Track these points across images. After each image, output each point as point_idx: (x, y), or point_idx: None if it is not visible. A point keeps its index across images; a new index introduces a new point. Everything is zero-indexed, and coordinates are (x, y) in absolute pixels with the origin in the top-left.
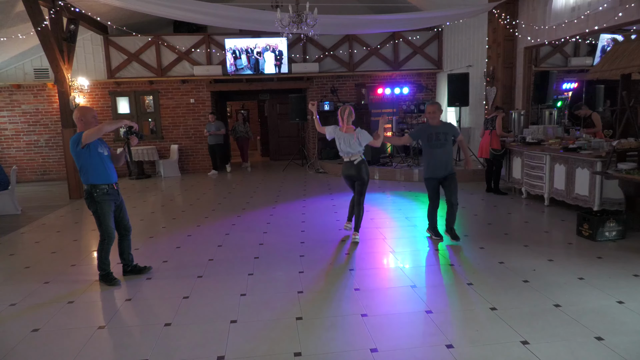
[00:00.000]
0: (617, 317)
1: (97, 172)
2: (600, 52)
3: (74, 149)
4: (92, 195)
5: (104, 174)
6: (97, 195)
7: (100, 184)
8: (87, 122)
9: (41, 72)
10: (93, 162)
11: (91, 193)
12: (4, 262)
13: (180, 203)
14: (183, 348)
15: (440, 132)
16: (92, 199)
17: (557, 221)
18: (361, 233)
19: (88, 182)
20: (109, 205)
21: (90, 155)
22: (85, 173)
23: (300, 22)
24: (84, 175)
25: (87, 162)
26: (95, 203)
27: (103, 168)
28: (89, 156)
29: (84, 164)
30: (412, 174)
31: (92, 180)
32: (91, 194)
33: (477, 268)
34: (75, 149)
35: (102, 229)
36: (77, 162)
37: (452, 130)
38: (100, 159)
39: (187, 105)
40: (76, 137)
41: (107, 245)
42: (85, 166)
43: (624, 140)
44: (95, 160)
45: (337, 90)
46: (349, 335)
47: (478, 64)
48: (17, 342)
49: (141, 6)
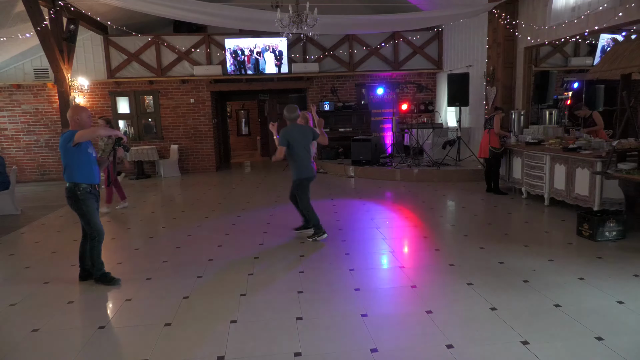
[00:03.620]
0: (617, 317)
1: (83, 171)
2: (600, 52)
3: (64, 145)
4: (76, 193)
5: (89, 173)
6: (81, 193)
7: (84, 183)
8: (82, 122)
9: (41, 72)
10: (81, 160)
11: (74, 191)
12: (4, 262)
13: (180, 203)
14: (183, 348)
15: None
16: (76, 197)
17: (557, 221)
18: (361, 232)
19: (72, 180)
20: (93, 202)
21: (80, 154)
22: (71, 171)
23: (300, 22)
24: (69, 172)
25: (75, 160)
26: (80, 201)
27: (90, 168)
28: (78, 154)
29: (71, 162)
30: (412, 174)
31: (78, 178)
32: (74, 193)
33: (477, 268)
34: (66, 145)
35: (91, 227)
36: (64, 158)
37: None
38: (88, 159)
39: (187, 105)
40: (69, 135)
41: (99, 243)
42: (72, 164)
43: (624, 140)
44: (83, 159)
45: (337, 90)
46: (349, 335)
47: (478, 64)
48: (17, 342)
49: (141, 6)
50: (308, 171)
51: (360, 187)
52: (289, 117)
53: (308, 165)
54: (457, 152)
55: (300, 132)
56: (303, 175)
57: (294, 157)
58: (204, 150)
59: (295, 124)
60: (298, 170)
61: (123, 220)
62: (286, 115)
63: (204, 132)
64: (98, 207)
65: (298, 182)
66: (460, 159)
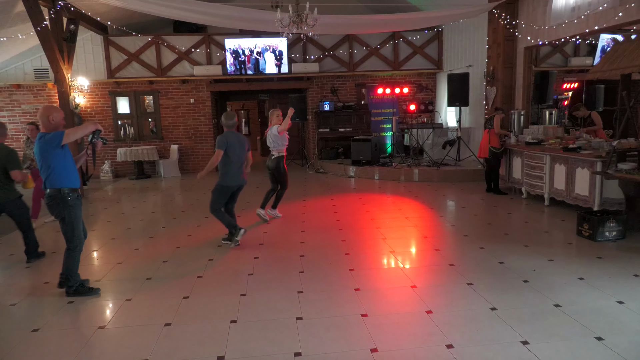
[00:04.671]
0: (617, 317)
1: (71, 175)
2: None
3: (49, 148)
4: (65, 200)
5: (75, 177)
6: (71, 199)
7: (71, 187)
8: (57, 123)
9: (41, 72)
10: (68, 164)
11: (64, 198)
12: (4, 262)
13: (180, 203)
14: (183, 348)
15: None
16: (65, 203)
17: (557, 221)
18: (361, 232)
19: (58, 186)
20: (80, 210)
21: (66, 157)
22: (57, 175)
23: (300, 22)
24: (56, 178)
25: (62, 164)
26: (69, 208)
27: (74, 171)
28: (64, 157)
29: (59, 166)
30: (412, 174)
31: (65, 183)
32: (64, 199)
33: (477, 268)
34: (55, 148)
35: (75, 236)
36: (47, 162)
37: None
38: (72, 162)
39: (187, 105)
40: (55, 136)
41: (79, 252)
42: (60, 168)
43: (624, 140)
44: (69, 162)
45: (337, 90)
46: (349, 335)
47: (478, 64)
48: (17, 342)
49: (141, 6)
50: (235, 180)
51: (360, 187)
52: (227, 124)
53: (237, 174)
54: (457, 152)
55: (237, 140)
56: (227, 183)
57: (226, 163)
58: (204, 150)
59: (232, 132)
60: (226, 176)
61: (123, 220)
62: (224, 122)
63: (204, 132)
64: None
65: (220, 187)
66: (460, 159)
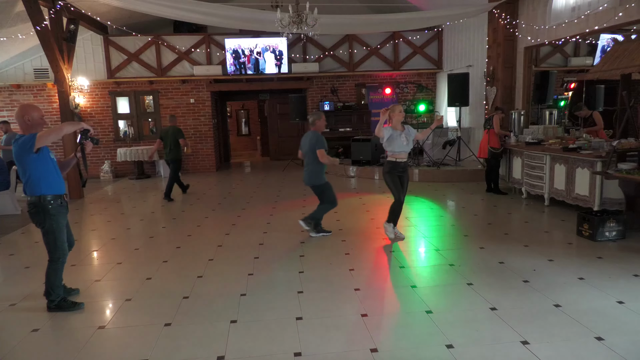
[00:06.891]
0: (617, 317)
1: (51, 180)
2: (600, 52)
3: (23, 153)
4: (46, 208)
5: (58, 183)
6: (53, 207)
7: (56, 195)
8: (35, 123)
9: (41, 72)
10: (48, 169)
11: (44, 206)
12: (4, 262)
13: (180, 203)
14: (183, 348)
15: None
16: (46, 212)
17: (557, 221)
18: (361, 232)
19: (38, 193)
20: (65, 218)
21: (45, 162)
22: (36, 182)
23: (300, 22)
24: (34, 185)
25: (40, 170)
26: (50, 217)
27: (57, 176)
28: (43, 162)
29: (36, 172)
30: (412, 174)
31: (47, 190)
32: (44, 207)
33: (477, 268)
34: (28, 153)
35: (57, 247)
36: (25, 169)
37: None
38: (54, 166)
39: (187, 105)
40: (27, 139)
41: (62, 264)
42: (38, 174)
43: (624, 140)
44: (49, 167)
45: (337, 90)
46: (349, 335)
47: (478, 64)
48: (17, 342)
49: (141, 6)
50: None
51: (360, 187)
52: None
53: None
54: (457, 152)
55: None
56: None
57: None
58: (204, 150)
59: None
60: (323, 174)
61: (123, 220)
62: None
63: (204, 132)
64: (67, 222)
65: (327, 184)
66: (460, 159)
